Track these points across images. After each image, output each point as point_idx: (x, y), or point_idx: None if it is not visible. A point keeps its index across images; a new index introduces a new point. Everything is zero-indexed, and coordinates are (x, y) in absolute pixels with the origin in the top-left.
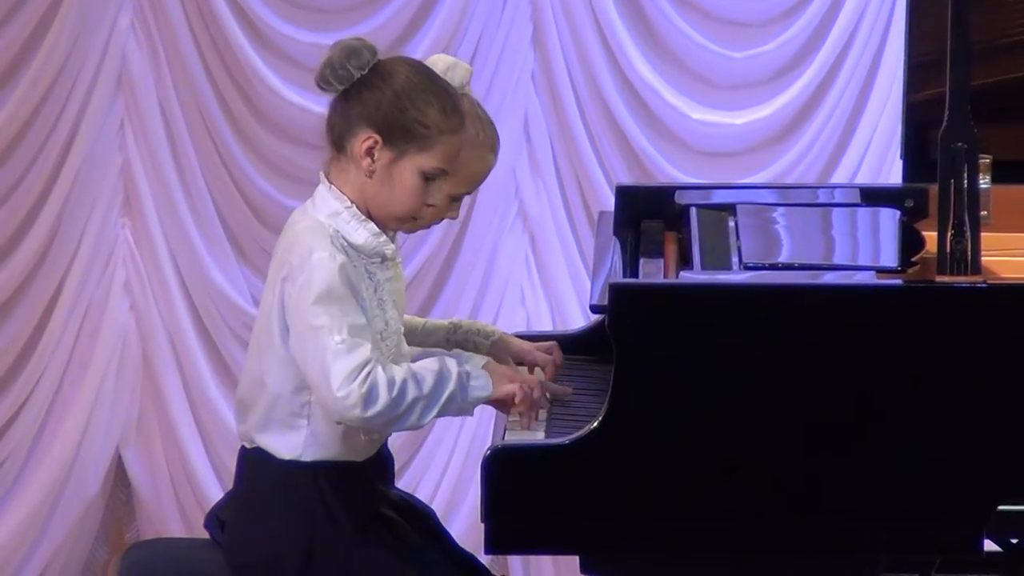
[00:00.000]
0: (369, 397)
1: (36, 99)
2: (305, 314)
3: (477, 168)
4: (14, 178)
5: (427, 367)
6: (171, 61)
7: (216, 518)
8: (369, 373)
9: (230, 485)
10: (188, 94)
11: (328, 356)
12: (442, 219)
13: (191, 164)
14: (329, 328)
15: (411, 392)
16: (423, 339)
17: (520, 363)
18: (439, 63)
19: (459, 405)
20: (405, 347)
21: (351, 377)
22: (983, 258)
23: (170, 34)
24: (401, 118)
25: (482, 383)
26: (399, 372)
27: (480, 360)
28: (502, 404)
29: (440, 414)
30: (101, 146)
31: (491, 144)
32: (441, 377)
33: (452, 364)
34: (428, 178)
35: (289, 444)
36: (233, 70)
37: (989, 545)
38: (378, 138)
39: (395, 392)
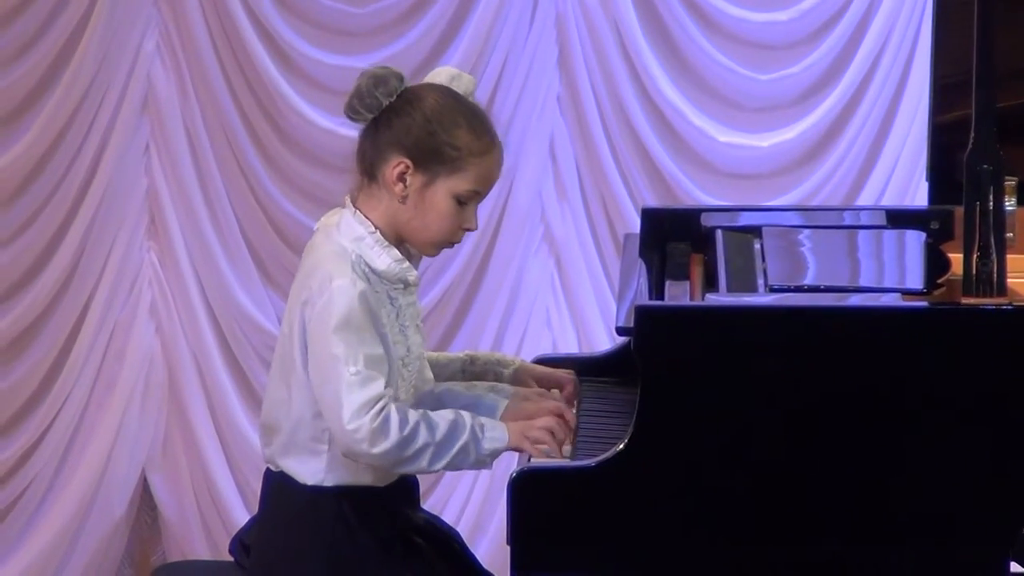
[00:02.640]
0: (379, 433)
1: (62, 122)
2: (323, 341)
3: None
4: (40, 200)
5: (443, 415)
6: (196, 84)
7: (241, 542)
8: (382, 409)
9: (256, 507)
10: (214, 117)
11: (342, 387)
12: None
13: (217, 187)
14: (345, 358)
15: (422, 436)
16: (438, 372)
17: (544, 386)
18: (442, 75)
19: (474, 458)
20: (428, 372)
21: (363, 410)
22: (1009, 280)
23: (196, 57)
24: (431, 141)
25: (497, 435)
26: (413, 414)
27: (495, 406)
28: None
29: (453, 464)
30: (127, 169)
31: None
32: (455, 427)
33: (467, 416)
34: (461, 201)
35: (311, 470)
36: (259, 93)
37: (1015, 567)
38: (409, 163)
39: (406, 432)
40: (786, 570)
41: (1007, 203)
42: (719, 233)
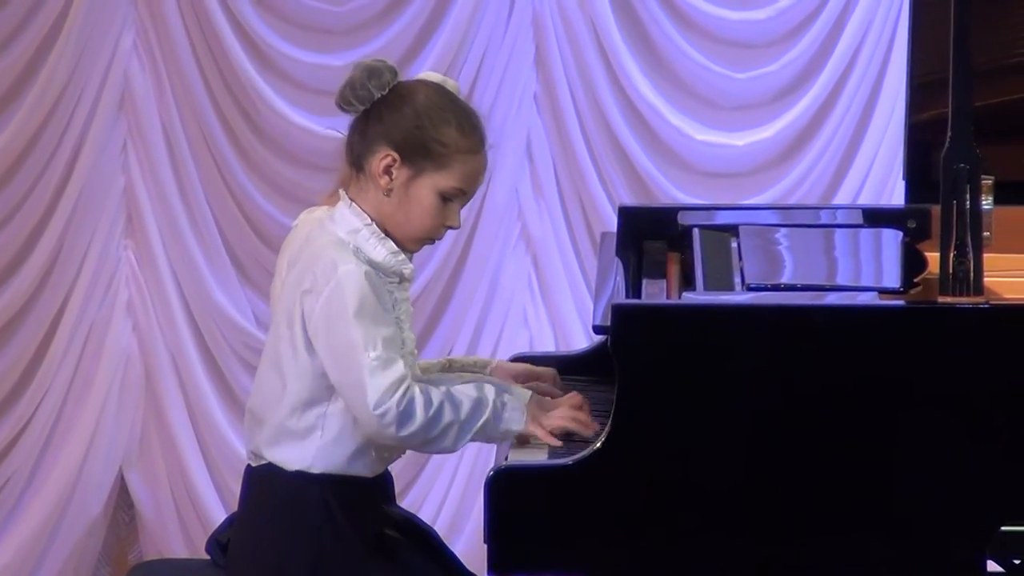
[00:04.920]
0: (405, 415)
1: (39, 120)
2: (338, 329)
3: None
4: (17, 199)
5: (465, 392)
6: (174, 82)
7: (217, 541)
8: (407, 391)
9: (233, 505)
10: (191, 115)
11: (364, 372)
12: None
13: (194, 185)
14: (364, 344)
15: (447, 415)
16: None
17: (522, 381)
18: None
19: (489, 434)
20: (418, 370)
21: (388, 394)
22: (985, 279)
23: (173, 55)
24: (419, 136)
25: (516, 416)
26: (436, 393)
27: (524, 394)
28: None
29: (472, 440)
30: (104, 167)
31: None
32: (478, 404)
33: (490, 391)
34: (446, 198)
35: (300, 455)
36: (236, 90)
37: (992, 566)
38: (396, 156)
39: (432, 412)
40: (763, 566)
41: (984, 202)
42: (696, 232)
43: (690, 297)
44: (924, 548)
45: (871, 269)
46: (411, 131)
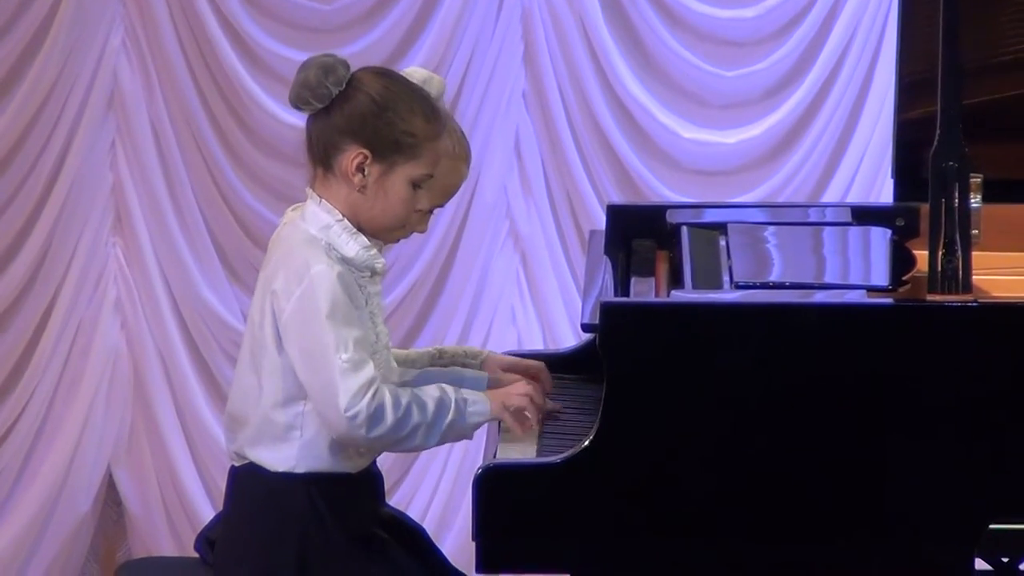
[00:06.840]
0: (375, 417)
1: (28, 117)
2: (309, 330)
3: (452, 180)
4: (5, 196)
5: (429, 393)
6: (162, 80)
7: (206, 539)
8: (376, 392)
9: (221, 504)
10: (179, 113)
11: (335, 374)
12: (412, 233)
13: (182, 183)
14: (335, 345)
15: (415, 416)
16: (407, 367)
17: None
18: (415, 76)
19: (459, 431)
20: (394, 363)
21: (359, 396)
22: (974, 277)
23: (161, 53)
24: (389, 131)
25: (479, 407)
26: (404, 395)
27: (479, 379)
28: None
29: (442, 440)
30: (92, 165)
31: (465, 156)
32: (442, 404)
33: (450, 391)
34: (416, 185)
35: (282, 456)
36: (224, 89)
37: (980, 564)
38: (367, 153)
39: (400, 413)
40: (751, 568)
41: (972, 200)
42: (684, 230)
43: (678, 295)
44: (912, 547)
45: (859, 267)
46: (379, 126)
